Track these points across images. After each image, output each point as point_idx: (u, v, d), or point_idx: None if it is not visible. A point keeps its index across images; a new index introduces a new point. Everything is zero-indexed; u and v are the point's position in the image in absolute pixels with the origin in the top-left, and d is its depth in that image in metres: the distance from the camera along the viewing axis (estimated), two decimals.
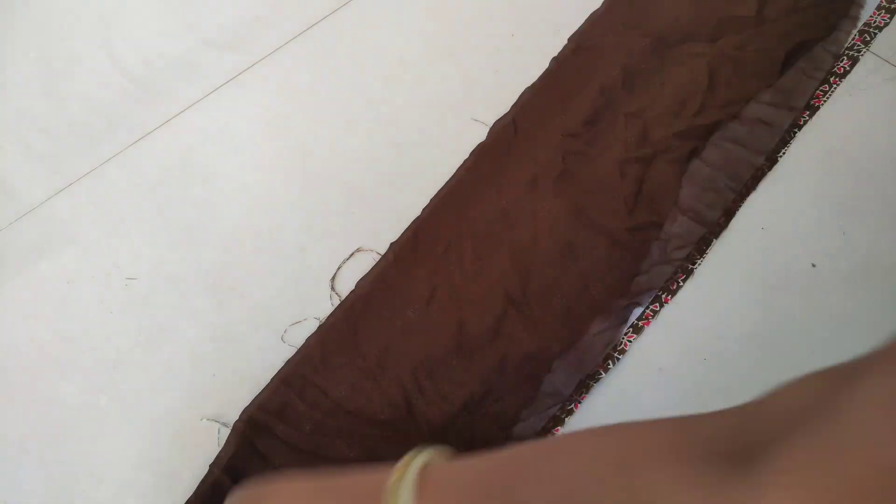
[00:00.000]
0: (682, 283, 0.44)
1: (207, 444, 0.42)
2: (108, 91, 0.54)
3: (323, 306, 0.45)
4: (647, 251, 0.45)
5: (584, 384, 0.42)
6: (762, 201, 0.45)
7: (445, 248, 0.46)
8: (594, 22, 0.53)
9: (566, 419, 0.41)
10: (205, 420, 0.43)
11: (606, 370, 0.42)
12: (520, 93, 0.51)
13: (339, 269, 0.46)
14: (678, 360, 0.42)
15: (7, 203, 0.50)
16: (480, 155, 0.49)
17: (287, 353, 0.44)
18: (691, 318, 0.43)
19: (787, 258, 0.44)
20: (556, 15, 0.54)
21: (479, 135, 0.50)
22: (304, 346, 0.44)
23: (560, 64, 0.52)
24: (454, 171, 0.49)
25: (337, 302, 0.45)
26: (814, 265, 0.44)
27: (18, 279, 0.48)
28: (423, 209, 0.47)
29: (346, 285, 0.46)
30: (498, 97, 0.51)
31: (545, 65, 0.52)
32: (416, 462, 0.29)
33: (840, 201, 0.45)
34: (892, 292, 0.43)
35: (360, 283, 0.45)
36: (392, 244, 0.46)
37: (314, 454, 0.41)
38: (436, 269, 0.45)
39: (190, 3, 0.57)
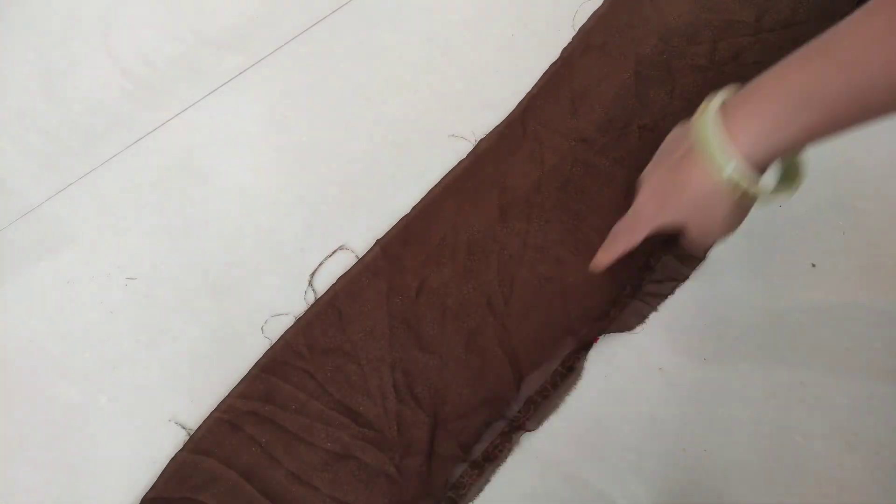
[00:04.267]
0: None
1: None
2: (108, 91, 0.54)
3: (298, 304, 0.45)
4: (635, 284, 0.43)
5: (533, 401, 0.41)
6: None
7: (439, 242, 0.45)
8: (600, 19, 0.52)
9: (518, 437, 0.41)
10: (173, 422, 0.42)
11: (555, 387, 0.41)
12: (520, 93, 0.50)
13: (320, 265, 0.46)
14: (678, 360, 0.42)
15: (7, 203, 0.50)
16: (484, 153, 0.48)
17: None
18: (691, 318, 0.43)
19: (787, 258, 0.44)
20: (556, 15, 0.54)
21: (480, 137, 0.50)
22: (281, 337, 0.43)
23: (569, 64, 0.51)
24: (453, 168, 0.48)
25: (313, 299, 0.45)
26: (814, 265, 0.44)
27: (18, 279, 0.48)
28: (414, 207, 0.47)
29: (329, 282, 0.45)
30: (498, 97, 0.51)
31: (546, 66, 0.52)
32: (714, 102, 0.32)
33: (840, 201, 0.45)
34: (893, 292, 0.43)
35: (346, 275, 0.45)
36: (378, 240, 0.46)
37: (297, 437, 0.40)
38: (426, 262, 0.45)
39: (190, 3, 0.57)
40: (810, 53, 0.30)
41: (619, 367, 0.42)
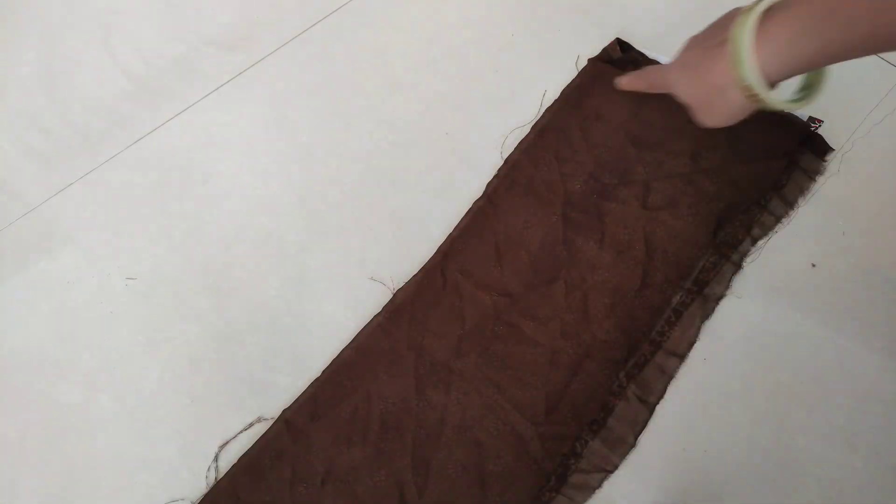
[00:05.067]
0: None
1: (207, 444, 0.42)
2: (108, 91, 0.53)
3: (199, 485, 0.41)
4: (560, 474, 0.40)
5: None
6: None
7: (351, 416, 0.41)
8: (526, 150, 0.48)
9: None
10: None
11: None
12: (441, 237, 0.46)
13: (229, 440, 0.42)
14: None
15: (7, 203, 0.50)
16: (400, 308, 0.44)
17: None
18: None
19: (787, 258, 0.44)
20: (557, 14, 0.54)
21: (477, 141, 0.50)
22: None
23: (493, 202, 0.46)
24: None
25: (213, 479, 0.41)
26: (814, 265, 0.44)
27: (18, 279, 0.48)
28: (323, 371, 0.43)
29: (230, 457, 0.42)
30: (497, 97, 0.51)
31: (545, 65, 0.52)
32: (760, 5, 0.33)
33: (840, 201, 0.45)
34: (893, 292, 0.43)
35: (247, 453, 0.41)
36: (284, 411, 0.42)
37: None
38: (335, 440, 0.41)
39: (190, 3, 0.57)
40: None
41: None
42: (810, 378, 0.41)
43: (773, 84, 0.33)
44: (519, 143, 0.48)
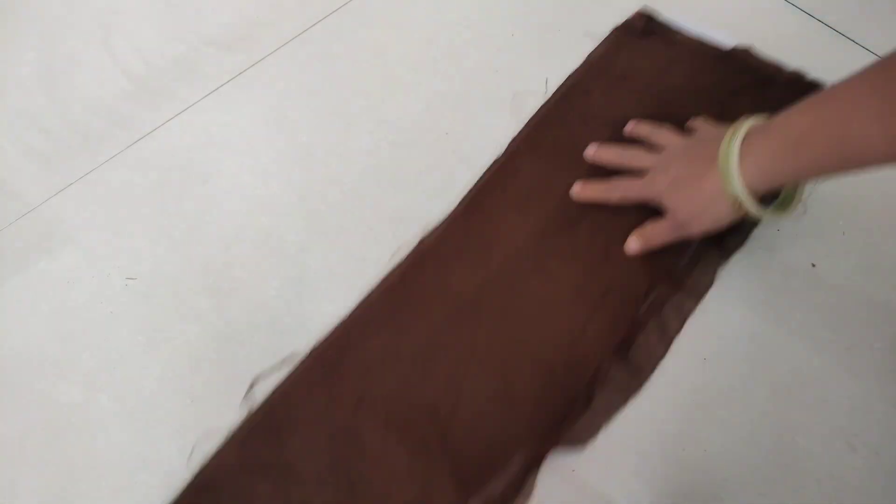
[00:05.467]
0: None
1: (209, 444, 0.42)
2: (108, 91, 0.54)
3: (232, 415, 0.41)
4: (587, 396, 0.41)
5: None
6: None
7: (381, 350, 0.43)
8: (547, 112, 0.50)
9: None
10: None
11: None
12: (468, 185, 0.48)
13: (257, 379, 0.43)
14: (678, 360, 0.42)
15: (7, 203, 0.50)
16: (425, 256, 0.45)
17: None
18: (691, 318, 0.43)
19: (787, 258, 0.44)
20: (557, 14, 0.54)
21: (477, 141, 0.50)
22: (214, 456, 0.40)
23: (515, 160, 0.48)
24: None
25: (246, 409, 0.42)
26: (814, 265, 0.44)
27: (18, 279, 0.48)
28: (351, 312, 0.44)
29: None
30: (497, 97, 0.51)
31: (545, 65, 0.52)
32: (742, 128, 0.38)
33: (840, 201, 0.45)
34: (893, 292, 0.43)
35: (281, 385, 0.42)
36: (314, 348, 0.43)
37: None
38: (367, 371, 0.42)
39: (190, 2, 0.57)
40: (812, 103, 0.35)
41: None
42: (810, 378, 0.41)
43: (758, 196, 0.38)
44: (542, 106, 0.50)
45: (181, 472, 0.42)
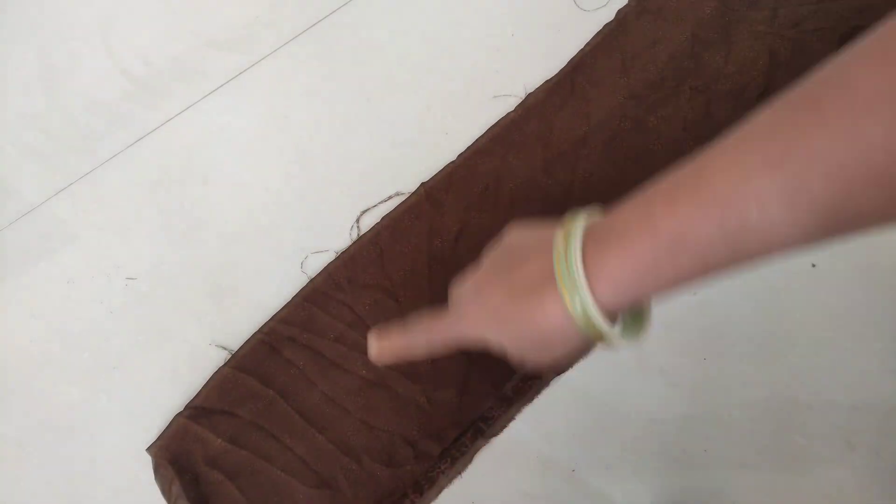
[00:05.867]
0: None
1: None
2: (108, 91, 0.53)
3: (343, 240, 0.47)
4: None
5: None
6: None
7: (483, 190, 0.46)
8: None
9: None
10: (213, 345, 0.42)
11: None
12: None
13: (370, 208, 0.47)
14: (678, 360, 0.42)
15: (7, 203, 0.50)
16: (531, 108, 0.49)
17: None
18: (691, 318, 0.43)
19: (787, 258, 0.44)
20: (556, 14, 0.54)
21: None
22: (324, 269, 0.45)
23: (623, 25, 0.51)
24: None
25: (356, 236, 0.46)
26: (814, 265, 0.44)
27: (18, 279, 0.48)
28: (459, 155, 0.48)
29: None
30: (497, 97, 0.51)
31: (546, 65, 0.52)
32: (575, 230, 0.28)
33: None
34: (893, 292, 0.43)
35: (389, 215, 0.46)
36: (423, 183, 0.47)
37: (333, 363, 0.42)
38: (469, 207, 0.46)
39: (190, 2, 0.57)
40: (676, 190, 0.25)
41: (619, 367, 0.42)
42: (810, 378, 0.41)
43: (615, 314, 0.28)
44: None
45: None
